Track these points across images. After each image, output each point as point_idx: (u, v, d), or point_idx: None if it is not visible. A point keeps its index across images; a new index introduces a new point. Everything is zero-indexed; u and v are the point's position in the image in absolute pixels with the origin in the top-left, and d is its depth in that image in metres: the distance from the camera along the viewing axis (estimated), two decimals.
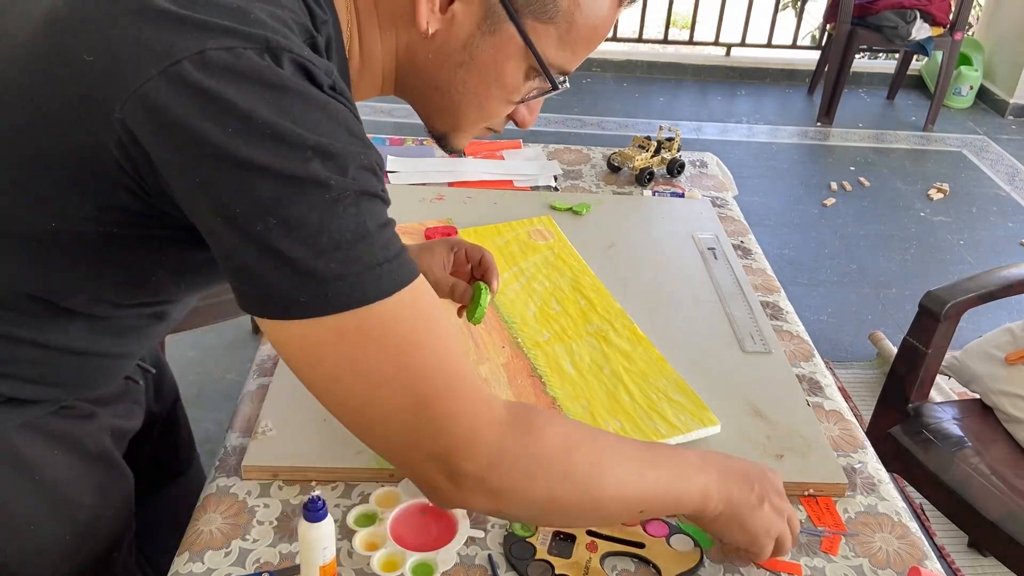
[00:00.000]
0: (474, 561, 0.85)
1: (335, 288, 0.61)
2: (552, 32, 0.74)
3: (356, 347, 0.63)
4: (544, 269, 1.27)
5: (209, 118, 0.59)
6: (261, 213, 0.60)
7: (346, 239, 0.61)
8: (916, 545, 0.90)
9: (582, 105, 4.44)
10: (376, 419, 0.66)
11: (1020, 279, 1.68)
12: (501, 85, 0.77)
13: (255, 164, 0.59)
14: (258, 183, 0.60)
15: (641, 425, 0.98)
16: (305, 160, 0.60)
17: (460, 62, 0.75)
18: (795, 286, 2.97)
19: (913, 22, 3.98)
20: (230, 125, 0.59)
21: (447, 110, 0.80)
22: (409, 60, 0.77)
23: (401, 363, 0.64)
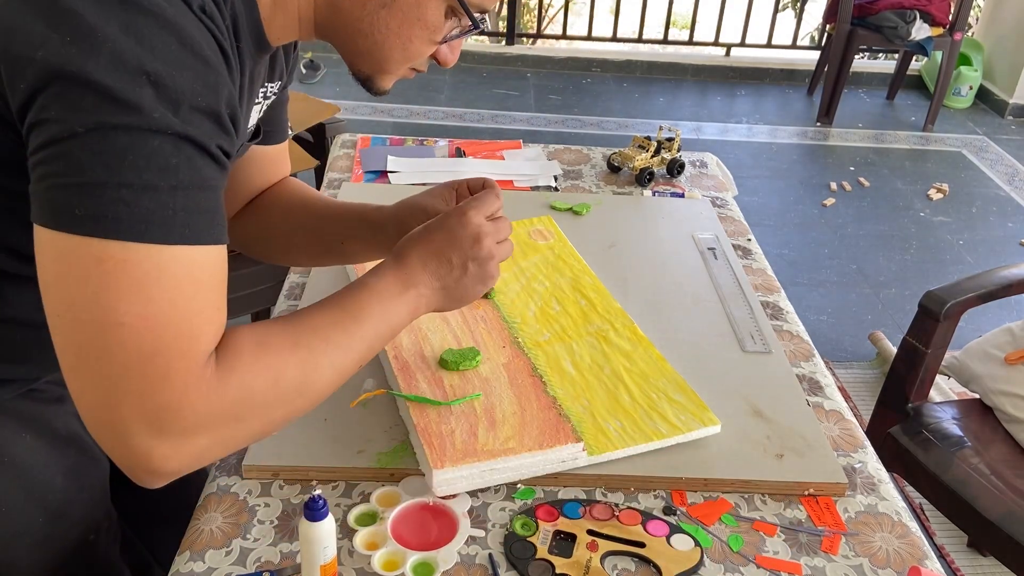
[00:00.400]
0: (474, 560, 0.85)
1: (114, 214, 0.60)
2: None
3: (108, 279, 0.61)
4: (544, 269, 1.27)
5: (53, 26, 0.60)
6: (77, 123, 0.60)
7: (149, 173, 0.61)
8: (916, 545, 0.90)
9: (582, 105, 4.44)
10: (94, 361, 0.62)
11: (1020, 279, 1.68)
12: (423, 25, 0.77)
13: (83, 77, 0.59)
14: (83, 95, 0.59)
15: (641, 425, 0.98)
16: (136, 84, 0.60)
17: (382, 3, 0.75)
18: (795, 286, 2.98)
19: (913, 22, 3.98)
20: (69, 34, 0.60)
21: (371, 52, 0.79)
22: (328, 3, 0.77)
23: (145, 312, 0.62)
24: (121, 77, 0.60)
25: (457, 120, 4.16)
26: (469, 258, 0.84)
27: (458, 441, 0.92)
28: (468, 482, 0.91)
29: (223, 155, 0.66)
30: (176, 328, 0.63)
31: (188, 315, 0.64)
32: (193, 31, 0.63)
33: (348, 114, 3.74)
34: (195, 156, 0.63)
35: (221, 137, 0.66)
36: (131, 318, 0.61)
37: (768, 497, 0.95)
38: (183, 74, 0.62)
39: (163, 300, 0.62)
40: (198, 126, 0.63)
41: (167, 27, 0.62)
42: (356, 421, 0.98)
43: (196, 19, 0.64)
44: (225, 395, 0.66)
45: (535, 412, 0.98)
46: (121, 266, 0.61)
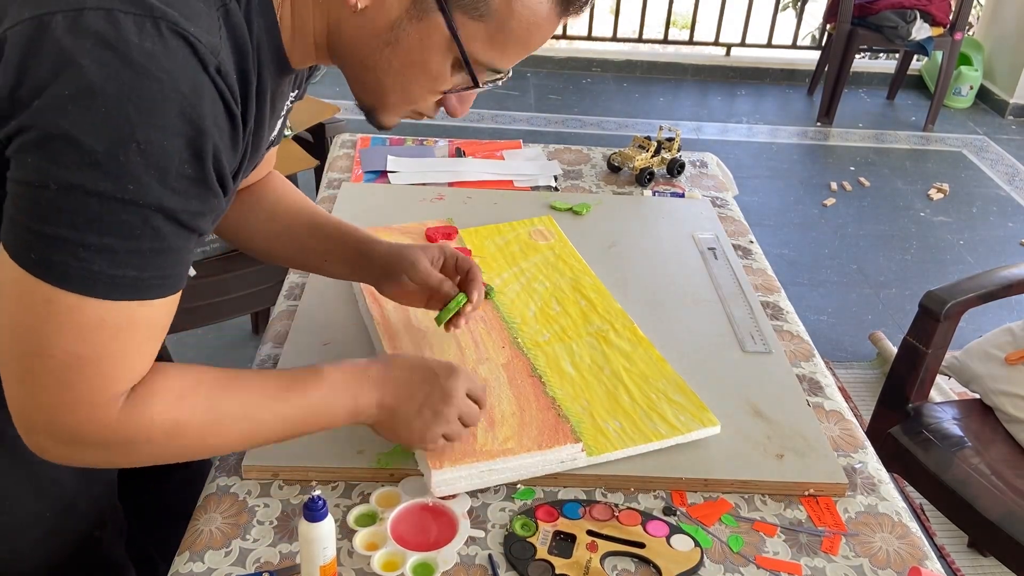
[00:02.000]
0: (474, 561, 0.85)
1: (65, 268, 0.63)
2: (481, 29, 0.74)
3: (51, 318, 0.65)
4: (545, 269, 1.27)
5: (54, 78, 0.61)
6: (53, 178, 0.62)
7: (111, 239, 0.64)
8: (916, 545, 0.90)
9: (582, 105, 4.44)
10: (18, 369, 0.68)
11: (1020, 279, 1.68)
12: (425, 72, 0.77)
13: (71, 135, 0.61)
14: (66, 151, 0.61)
15: (641, 425, 0.98)
16: (122, 153, 0.62)
17: (386, 41, 0.75)
18: (795, 286, 2.97)
19: (913, 22, 3.98)
20: (68, 89, 0.61)
21: (371, 86, 0.80)
22: (338, 33, 0.77)
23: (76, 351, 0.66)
24: (108, 143, 0.61)
25: (457, 120, 4.16)
26: (429, 406, 0.87)
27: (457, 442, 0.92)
28: (467, 483, 0.90)
29: (198, 219, 0.69)
30: (98, 369, 0.68)
31: (114, 360, 0.68)
32: (197, 97, 0.64)
33: (348, 114, 3.73)
34: (163, 226, 0.66)
35: (205, 202, 0.68)
36: (62, 354, 0.66)
37: (768, 497, 0.95)
38: (174, 142, 0.63)
39: (96, 344, 0.67)
40: (179, 194, 0.65)
41: (170, 94, 0.62)
42: None
43: (208, 81, 0.65)
44: (122, 431, 0.71)
45: (534, 413, 0.98)
46: (66, 311, 0.65)
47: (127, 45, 0.61)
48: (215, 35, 0.66)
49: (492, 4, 0.72)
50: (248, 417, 0.78)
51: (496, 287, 1.21)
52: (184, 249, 0.69)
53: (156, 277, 0.67)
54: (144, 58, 0.61)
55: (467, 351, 1.07)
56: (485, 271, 1.25)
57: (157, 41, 0.62)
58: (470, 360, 1.06)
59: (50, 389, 0.67)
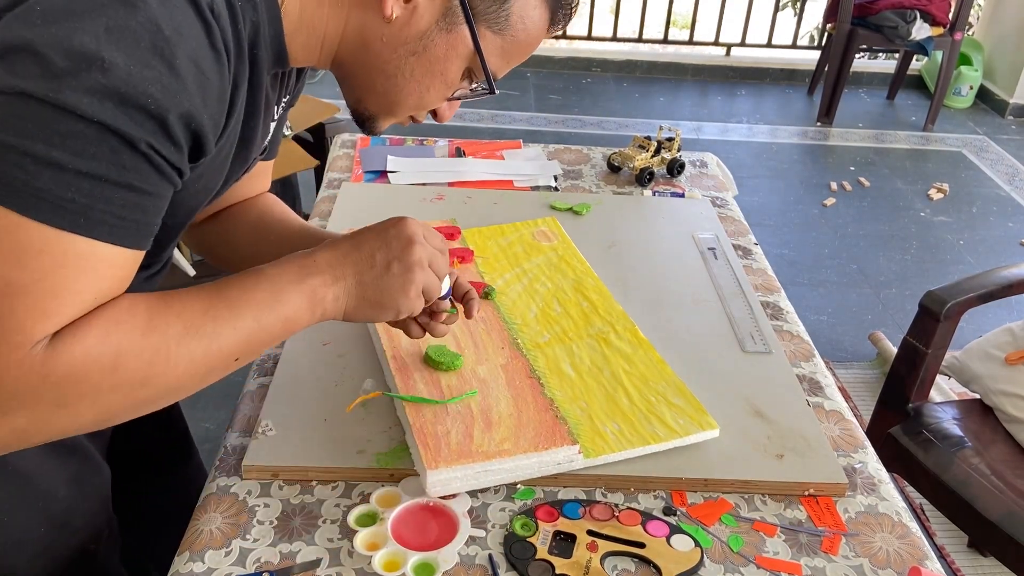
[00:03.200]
0: (475, 561, 0.85)
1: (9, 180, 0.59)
2: (498, 43, 0.79)
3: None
4: (547, 270, 1.27)
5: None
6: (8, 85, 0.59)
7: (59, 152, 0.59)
8: (916, 545, 0.90)
9: (582, 105, 4.44)
10: None
11: (1020, 279, 1.68)
12: (443, 79, 0.80)
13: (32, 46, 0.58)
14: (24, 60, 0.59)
15: (639, 428, 0.98)
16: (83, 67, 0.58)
17: (413, 51, 0.77)
18: (795, 286, 2.97)
19: (913, 22, 3.98)
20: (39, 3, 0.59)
21: (386, 93, 0.81)
22: (359, 39, 0.78)
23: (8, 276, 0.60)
24: (71, 58, 0.58)
25: (457, 120, 4.16)
26: (395, 259, 0.80)
27: (453, 442, 0.92)
28: (462, 483, 0.90)
29: (161, 160, 0.64)
30: (30, 301, 0.61)
31: (50, 294, 0.61)
32: (176, 33, 0.61)
33: (348, 114, 3.74)
34: (122, 151, 0.61)
35: (163, 143, 0.63)
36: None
37: (768, 497, 0.95)
38: (142, 72, 0.60)
39: (35, 272, 0.60)
40: (138, 124, 0.61)
41: (144, 23, 0.60)
42: (356, 421, 0.98)
43: (196, 17, 0.63)
44: (51, 373, 0.62)
45: (532, 414, 0.98)
46: (7, 229, 0.60)
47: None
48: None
49: (511, 20, 0.77)
50: (192, 332, 0.69)
51: (498, 288, 1.21)
52: (145, 193, 0.64)
53: (109, 214, 0.62)
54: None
55: (466, 352, 1.07)
56: (487, 272, 1.25)
57: None
58: (469, 360, 1.06)
59: None
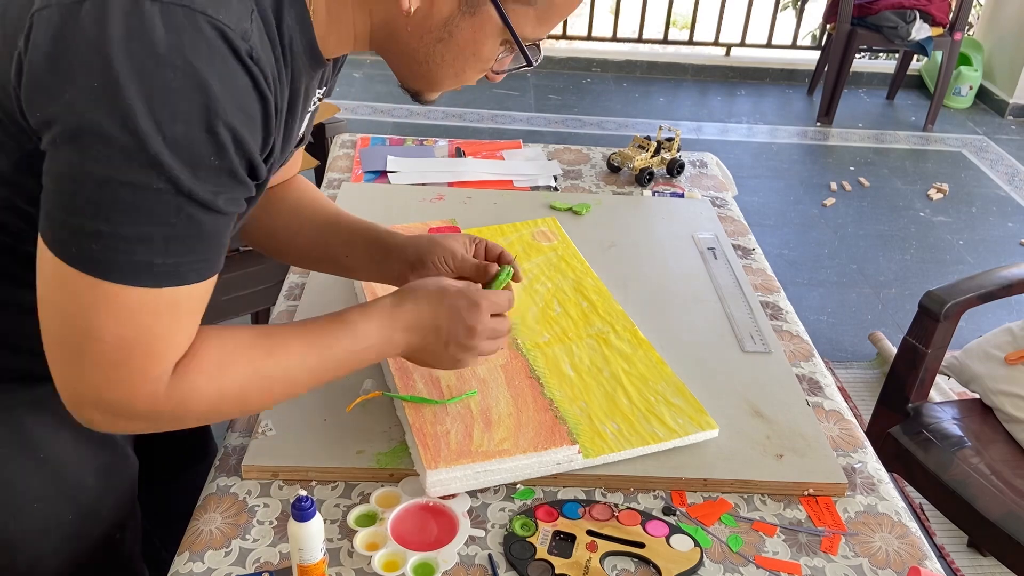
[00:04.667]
0: (474, 561, 0.85)
1: (107, 260, 0.65)
2: (531, 13, 0.76)
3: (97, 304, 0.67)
4: (547, 270, 1.27)
5: (82, 69, 0.61)
6: (85, 171, 0.63)
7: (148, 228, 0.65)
8: (916, 545, 0.90)
9: (582, 105, 4.44)
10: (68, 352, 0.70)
11: (1020, 279, 1.68)
12: (478, 58, 0.79)
13: (99, 129, 0.62)
14: (96, 145, 0.62)
15: (638, 428, 0.98)
16: (151, 145, 0.62)
17: (439, 38, 0.77)
18: (795, 286, 2.97)
19: (913, 22, 3.98)
20: (96, 80, 0.61)
21: (423, 76, 0.81)
22: (386, 29, 0.78)
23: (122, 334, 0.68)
24: (136, 135, 0.62)
25: (457, 120, 4.16)
26: (455, 341, 0.88)
27: (453, 442, 0.92)
28: (462, 483, 0.91)
29: (233, 205, 0.70)
30: (144, 349, 0.70)
31: (158, 340, 0.70)
32: (223, 88, 0.64)
33: (348, 114, 3.74)
34: (197, 213, 0.67)
35: (234, 189, 0.69)
36: (109, 336, 0.68)
37: (768, 497, 0.95)
38: (200, 135, 0.64)
39: (140, 327, 0.68)
40: (208, 183, 0.66)
41: (197, 88, 0.63)
42: (356, 422, 0.98)
43: (239, 67, 0.65)
44: (167, 403, 0.73)
45: (531, 414, 0.98)
46: (111, 298, 0.66)
47: (154, 36, 0.61)
48: (246, 19, 0.66)
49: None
50: (285, 378, 0.80)
51: None
52: (221, 233, 0.70)
53: (196, 262, 0.69)
54: (169, 49, 0.62)
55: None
56: None
57: (184, 31, 0.62)
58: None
59: (99, 369, 0.69)
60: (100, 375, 0.69)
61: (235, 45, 0.65)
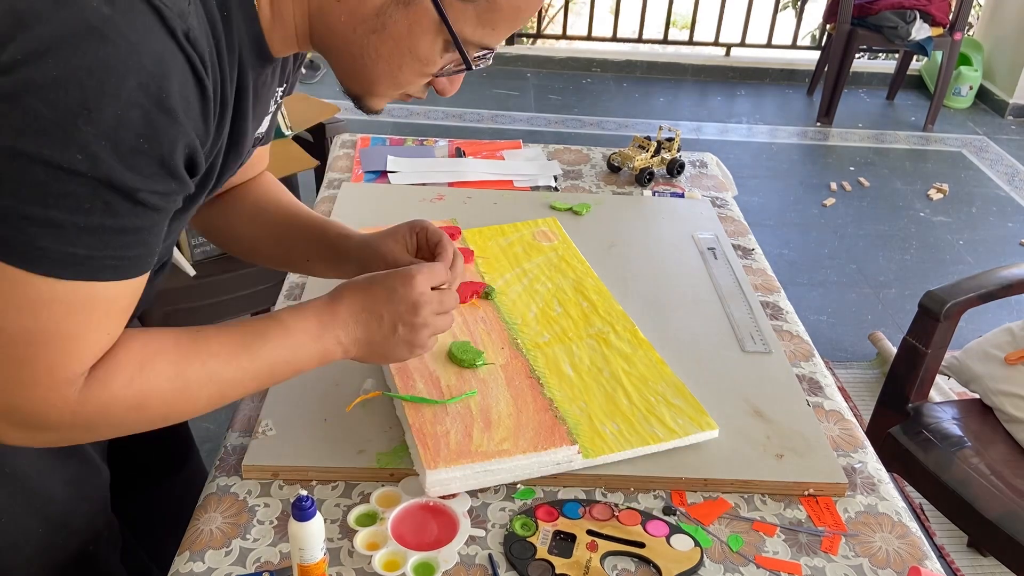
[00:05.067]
0: (474, 560, 0.85)
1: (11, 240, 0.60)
2: (470, 10, 0.72)
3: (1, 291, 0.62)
4: (547, 271, 1.27)
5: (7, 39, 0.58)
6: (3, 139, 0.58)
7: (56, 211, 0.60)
8: (916, 545, 0.90)
9: (582, 105, 4.44)
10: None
11: (1020, 279, 1.68)
12: (415, 57, 0.75)
13: (19, 97, 0.58)
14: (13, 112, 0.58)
15: (638, 428, 0.98)
16: (73, 120, 0.58)
17: (372, 28, 0.73)
18: (795, 286, 2.97)
19: (913, 22, 3.98)
20: (19, 50, 0.58)
21: (360, 74, 0.78)
22: (322, 21, 0.75)
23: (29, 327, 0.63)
24: (57, 109, 0.58)
25: (457, 120, 4.16)
26: (401, 321, 0.84)
27: (452, 442, 0.92)
28: (462, 483, 0.91)
29: (160, 198, 0.65)
30: (54, 347, 0.64)
31: (70, 338, 0.65)
32: (158, 67, 0.60)
33: (348, 114, 3.73)
34: (116, 202, 0.62)
35: (163, 182, 0.64)
36: (14, 328, 0.63)
37: (768, 497, 0.95)
38: (129, 114, 0.60)
39: (49, 321, 0.63)
40: (134, 171, 0.61)
41: (126, 61, 0.59)
42: (356, 421, 0.98)
43: (175, 47, 0.62)
44: (82, 411, 0.68)
45: (531, 414, 0.98)
46: (15, 285, 0.62)
47: (84, 8, 0.58)
48: (183, 1, 0.63)
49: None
50: (214, 379, 0.75)
51: (498, 288, 1.21)
52: (145, 229, 0.65)
53: (112, 257, 0.64)
54: (102, 22, 0.58)
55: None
56: (488, 272, 1.25)
57: (119, 4, 0.59)
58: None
59: (3, 368, 0.64)
60: (3, 376, 0.65)
61: (171, 24, 0.61)
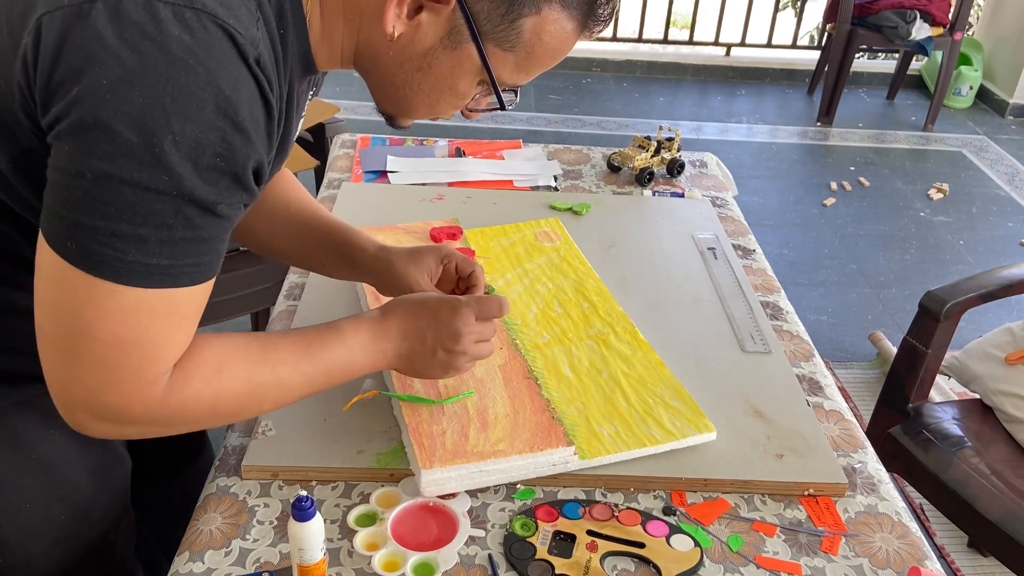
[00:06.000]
0: (474, 561, 0.85)
1: (100, 257, 0.65)
2: (510, 59, 0.77)
3: (93, 302, 0.66)
4: (548, 271, 1.27)
5: (92, 67, 0.61)
6: (88, 167, 0.63)
7: (144, 228, 0.64)
8: (916, 545, 0.90)
9: (582, 105, 4.44)
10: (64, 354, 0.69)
11: (1020, 279, 1.68)
12: (453, 92, 0.81)
13: (106, 124, 0.61)
14: (101, 140, 0.62)
15: (635, 430, 0.98)
16: (156, 143, 0.62)
17: (418, 67, 0.78)
18: (795, 286, 2.97)
19: (913, 22, 3.98)
20: (105, 78, 0.61)
21: (399, 102, 0.83)
22: (369, 51, 0.79)
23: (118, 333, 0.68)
24: (143, 133, 0.62)
25: (457, 120, 4.15)
26: (441, 346, 0.89)
27: (448, 442, 0.92)
28: (457, 483, 0.90)
29: (234, 210, 0.70)
30: (140, 350, 0.69)
31: (155, 342, 0.70)
32: (234, 91, 0.65)
33: (348, 114, 3.73)
34: (195, 216, 0.66)
35: (236, 195, 0.69)
36: (105, 335, 0.67)
37: (768, 497, 0.95)
38: (209, 136, 0.64)
39: (136, 327, 0.68)
40: (212, 185, 0.66)
41: (206, 87, 0.63)
42: (356, 421, 0.98)
43: (247, 72, 0.66)
44: (163, 408, 0.73)
45: (528, 415, 0.98)
46: (105, 296, 0.66)
47: (165, 36, 0.62)
48: (254, 26, 0.67)
49: (523, 37, 0.75)
50: (280, 383, 0.81)
51: (499, 288, 1.21)
52: (217, 238, 0.70)
53: (189, 265, 0.68)
54: (182, 50, 0.62)
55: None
56: (489, 272, 1.25)
57: (196, 32, 0.63)
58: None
59: (94, 369, 0.69)
60: (94, 376, 0.69)
61: (244, 50, 0.65)
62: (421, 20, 0.74)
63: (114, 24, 0.61)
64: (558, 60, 0.80)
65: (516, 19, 0.73)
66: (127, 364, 0.69)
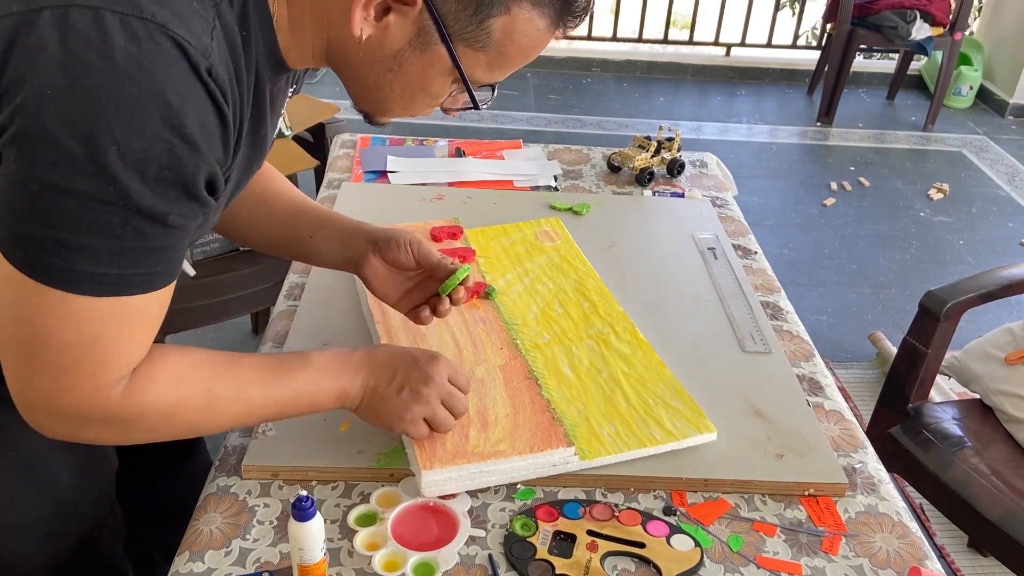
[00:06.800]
0: (474, 561, 0.85)
1: (48, 266, 0.65)
2: (481, 58, 0.76)
3: (44, 308, 0.66)
4: (549, 271, 1.27)
5: (36, 75, 0.61)
6: (32, 176, 0.62)
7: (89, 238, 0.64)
8: (916, 545, 0.90)
9: (582, 105, 4.44)
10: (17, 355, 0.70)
11: (1020, 279, 1.68)
12: (427, 93, 0.80)
13: (50, 134, 0.61)
14: (44, 151, 0.61)
15: (636, 430, 0.98)
16: (101, 153, 0.61)
17: (389, 68, 0.77)
18: (795, 286, 2.97)
19: (913, 22, 3.98)
20: (49, 87, 0.61)
21: (373, 100, 0.82)
22: (340, 51, 0.78)
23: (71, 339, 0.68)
24: (87, 144, 0.61)
25: (457, 120, 4.16)
26: (408, 386, 0.88)
27: (449, 442, 0.92)
28: (458, 484, 0.90)
29: (185, 220, 0.69)
30: (94, 356, 0.69)
31: (107, 348, 0.70)
32: (182, 102, 0.64)
33: (348, 114, 3.72)
34: (144, 226, 0.66)
35: (187, 205, 0.68)
36: (58, 342, 0.68)
37: (768, 497, 0.95)
38: (155, 148, 0.63)
39: (89, 334, 0.68)
40: (160, 197, 0.65)
41: (152, 99, 0.62)
42: (356, 421, 0.98)
43: (197, 83, 0.65)
44: (120, 412, 0.73)
45: (528, 415, 0.98)
46: (55, 304, 0.66)
47: (111, 46, 0.61)
48: (207, 35, 0.66)
49: (493, 36, 0.74)
50: (240, 400, 0.80)
51: (499, 288, 1.21)
52: (171, 247, 0.70)
53: (140, 275, 0.68)
54: (127, 60, 0.61)
55: (465, 352, 1.07)
56: (489, 271, 1.25)
57: (143, 43, 0.62)
58: (467, 361, 1.06)
59: (48, 374, 0.69)
60: (49, 380, 0.69)
61: (195, 61, 0.64)
62: (389, 22, 0.74)
63: (59, 33, 0.61)
64: (532, 57, 0.79)
65: (485, 19, 0.73)
66: (82, 369, 0.69)
